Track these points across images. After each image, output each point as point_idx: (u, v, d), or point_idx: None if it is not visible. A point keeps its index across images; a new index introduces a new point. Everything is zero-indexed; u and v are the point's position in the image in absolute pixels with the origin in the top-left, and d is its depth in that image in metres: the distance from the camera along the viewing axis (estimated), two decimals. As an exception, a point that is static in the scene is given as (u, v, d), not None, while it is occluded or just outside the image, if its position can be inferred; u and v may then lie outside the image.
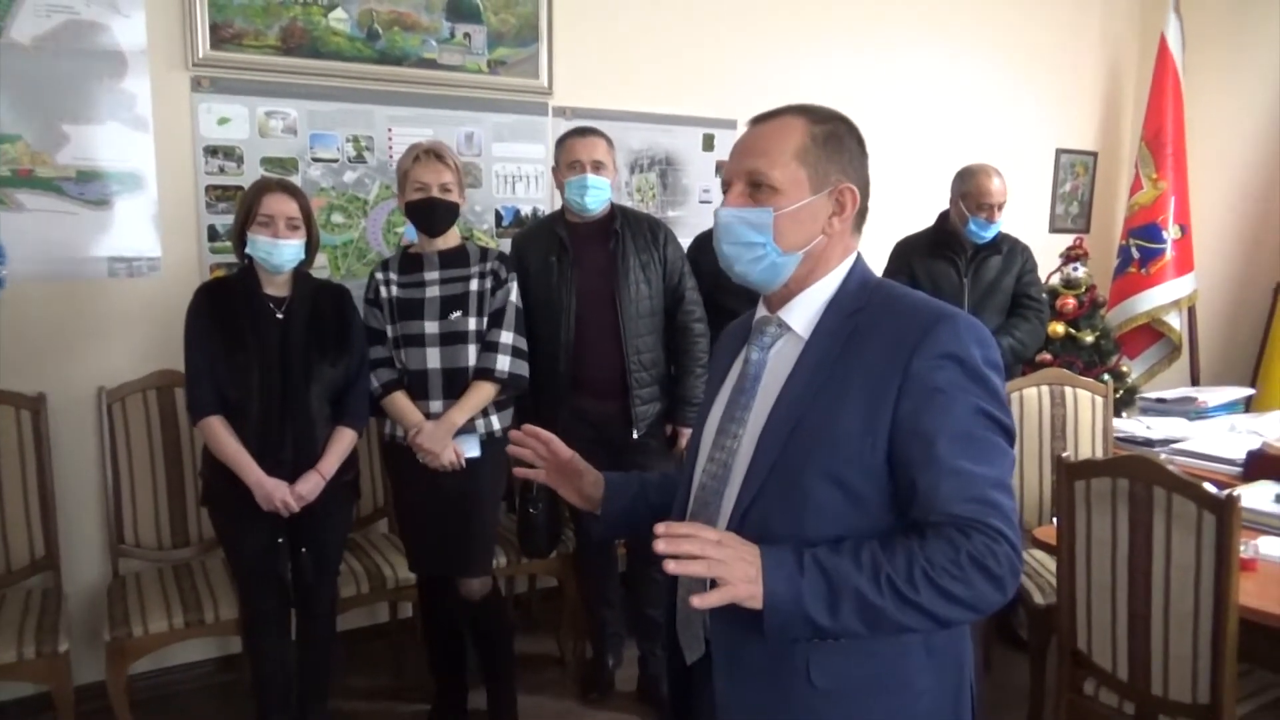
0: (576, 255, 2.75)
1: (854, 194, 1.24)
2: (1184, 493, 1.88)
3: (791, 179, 1.21)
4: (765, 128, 1.25)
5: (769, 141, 1.23)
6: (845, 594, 1.06)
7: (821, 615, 1.06)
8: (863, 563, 1.07)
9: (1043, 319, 3.35)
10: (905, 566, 1.06)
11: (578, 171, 2.69)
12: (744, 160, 1.24)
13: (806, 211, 1.22)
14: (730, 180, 1.26)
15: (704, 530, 1.07)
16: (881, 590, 1.05)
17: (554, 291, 2.74)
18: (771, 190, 1.21)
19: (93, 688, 2.61)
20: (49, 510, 2.65)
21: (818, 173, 1.22)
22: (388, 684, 3.03)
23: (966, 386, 1.13)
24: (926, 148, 4.16)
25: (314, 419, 2.39)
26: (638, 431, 2.76)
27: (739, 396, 1.26)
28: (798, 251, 1.23)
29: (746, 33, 3.72)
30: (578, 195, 2.70)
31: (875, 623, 1.07)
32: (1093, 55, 4.76)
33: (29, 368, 2.66)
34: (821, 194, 1.22)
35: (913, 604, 1.06)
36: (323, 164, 3.02)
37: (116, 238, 2.75)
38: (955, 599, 1.06)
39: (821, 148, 1.22)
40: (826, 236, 1.24)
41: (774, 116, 1.26)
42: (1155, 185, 4.48)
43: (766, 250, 1.22)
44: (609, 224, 2.77)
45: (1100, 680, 2.15)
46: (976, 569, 1.06)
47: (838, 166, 1.23)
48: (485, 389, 2.52)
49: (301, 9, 2.90)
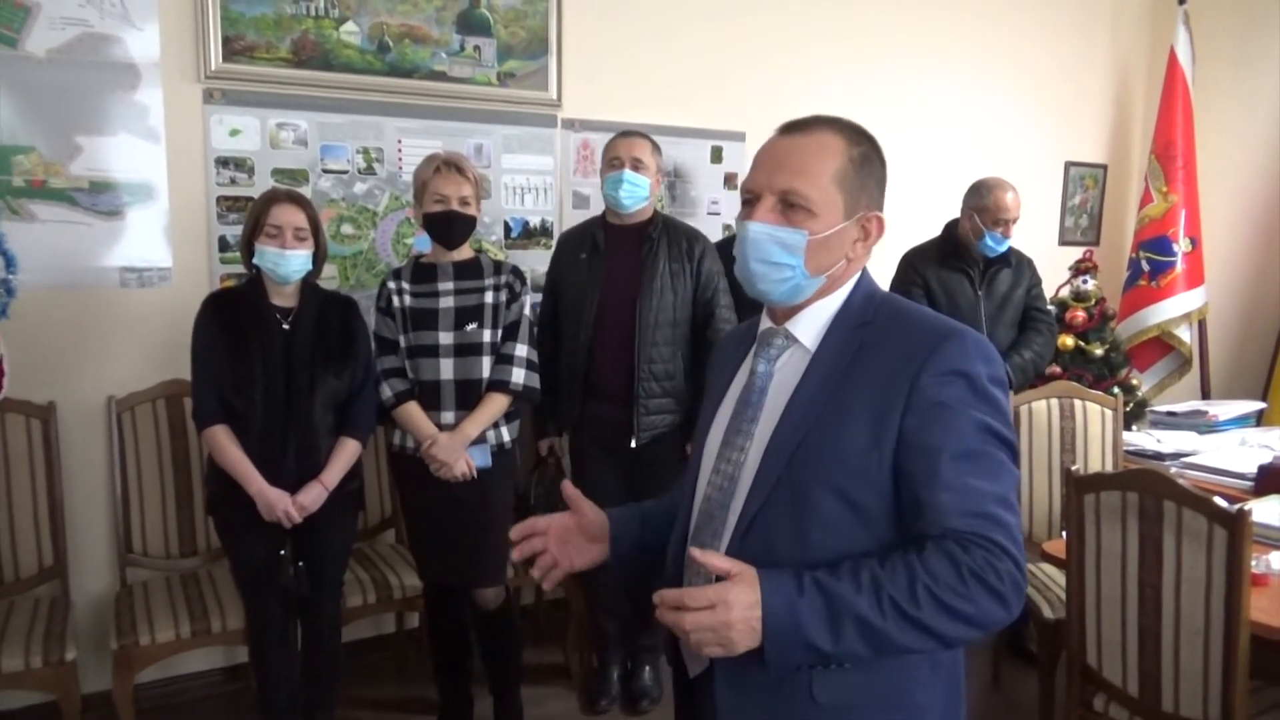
0: (608, 256, 2.76)
1: (881, 224, 1.24)
2: (1195, 507, 1.87)
3: (829, 203, 1.19)
4: (802, 142, 1.21)
5: (807, 159, 1.20)
6: (846, 616, 1.05)
7: (823, 639, 1.05)
8: (863, 584, 1.06)
9: (1053, 331, 3.35)
10: (907, 583, 1.05)
11: (616, 168, 2.71)
12: (779, 176, 1.20)
13: (837, 238, 1.21)
14: (759, 193, 1.21)
15: (695, 598, 1.06)
16: (884, 610, 1.04)
17: (580, 290, 2.77)
18: (808, 213, 1.19)
19: (99, 696, 2.61)
20: (57, 519, 2.66)
21: (852, 198, 1.21)
22: (394, 694, 3.02)
23: (972, 403, 1.13)
24: (935, 159, 4.15)
25: (317, 429, 2.39)
26: (637, 440, 2.72)
27: (745, 409, 1.25)
28: (823, 275, 1.22)
29: (756, 45, 3.73)
30: (613, 190, 2.71)
31: (878, 644, 1.06)
32: (1102, 68, 4.75)
33: (39, 376, 2.67)
34: (852, 220, 1.22)
35: (915, 622, 1.04)
36: (333, 175, 3.03)
37: (128, 248, 2.77)
38: (958, 614, 1.05)
39: (858, 172, 1.21)
40: (848, 261, 1.24)
41: (809, 129, 1.22)
42: (1165, 198, 4.47)
43: (795, 273, 1.20)
44: (646, 228, 2.77)
45: (1110, 696, 2.13)
46: (978, 583, 1.05)
47: (868, 194, 1.22)
48: (499, 401, 2.52)
49: (313, 22, 2.93)
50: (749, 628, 1.05)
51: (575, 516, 1.37)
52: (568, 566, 1.37)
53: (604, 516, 1.38)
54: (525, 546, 1.37)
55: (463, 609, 2.65)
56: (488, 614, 2.62)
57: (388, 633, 3.27)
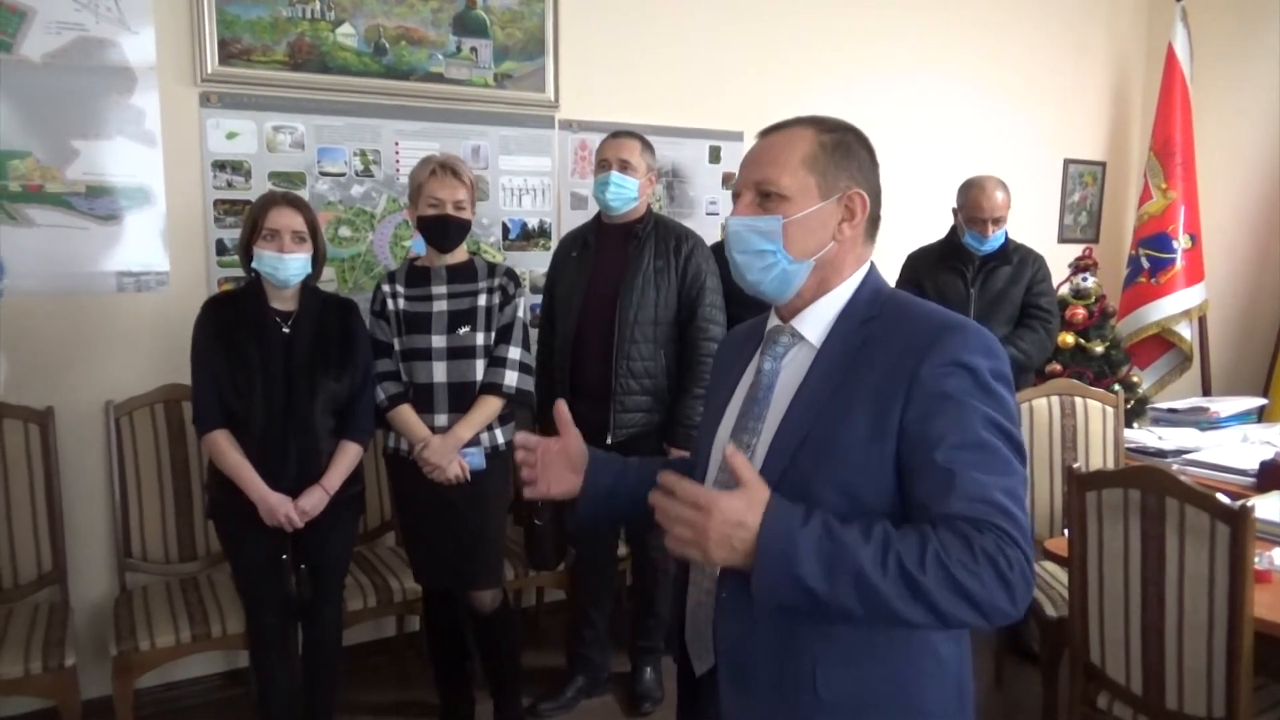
0: (597, 255, 2.78)
1: (864, 200, 1.24)
2: (1197, 504, 1.86)
3: (800, 186, 1.21)
4: (774, 138, 1.26)
5: (777, 151, 1.23)
6: (845, 560, 1.01)
7: (815, 578, 1.01)
8: (873, 536, 1.03)
9: (1049, 329, 3.31)
10: (917, 547, 1.02)
11: (604, 170, 2.73)
12: (753, 170, 1.25)
13: (815, 218, 1.22)
14: (740, 191, 1.27)
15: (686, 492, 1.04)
16: (886, 566, 1.01)
17: (569, 288, 2.79)
18: (780, 198, 1.21)
19: (99, 702, 2.61)
20: (56, 524, 2.66)
21: (826, 179, 1.22)
22: (394, 698, 3.01)
23: (976, 395, 1.12)
24: (934, 158, 4.15)
25: (317, 433, 2.39)
26: (613, 438, 2.71)
27: (752, 406, 1.25)
28: (808, 259, 1.23)
29: (753, 45, 3.72)
30: (600, 192, 2.74)
31: (873, 602, 1.01)
32: (1100, 65, 4.75)
33: (37, 382, 2.66)
34: (830, 200, 1.22)
35: (918, 587, 1.00)
36: (330, 178, 3.03)
37: (125, 252, 2.76)
38: (963, 590, 1.01)
39: (830, 155, 1.22)
40: (837, 243, 1.24)
41: (783, 128, 1.27)
42: (1165, 195, 4.46)
43: (777, 258, 1.22)
44: (635, 227, 2.77)
45: (1113, 694, 2.12)
46: (989, 564, 1.01)
47: (847, 173, 1.23)
48: (492, 404, 2.52)
49: (309, 24, 2.92)
50: (728, 543, 1.03)
51: (561, 440, 1.42)
52: (545, 490, 1.41)
53: (586, 450, 1.42)
54: (524, 456, 1.41)
55: (460, 612, 2.64)
56: (485, 617, 2.61)
57: (388, 636, 3.26)
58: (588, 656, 2.96)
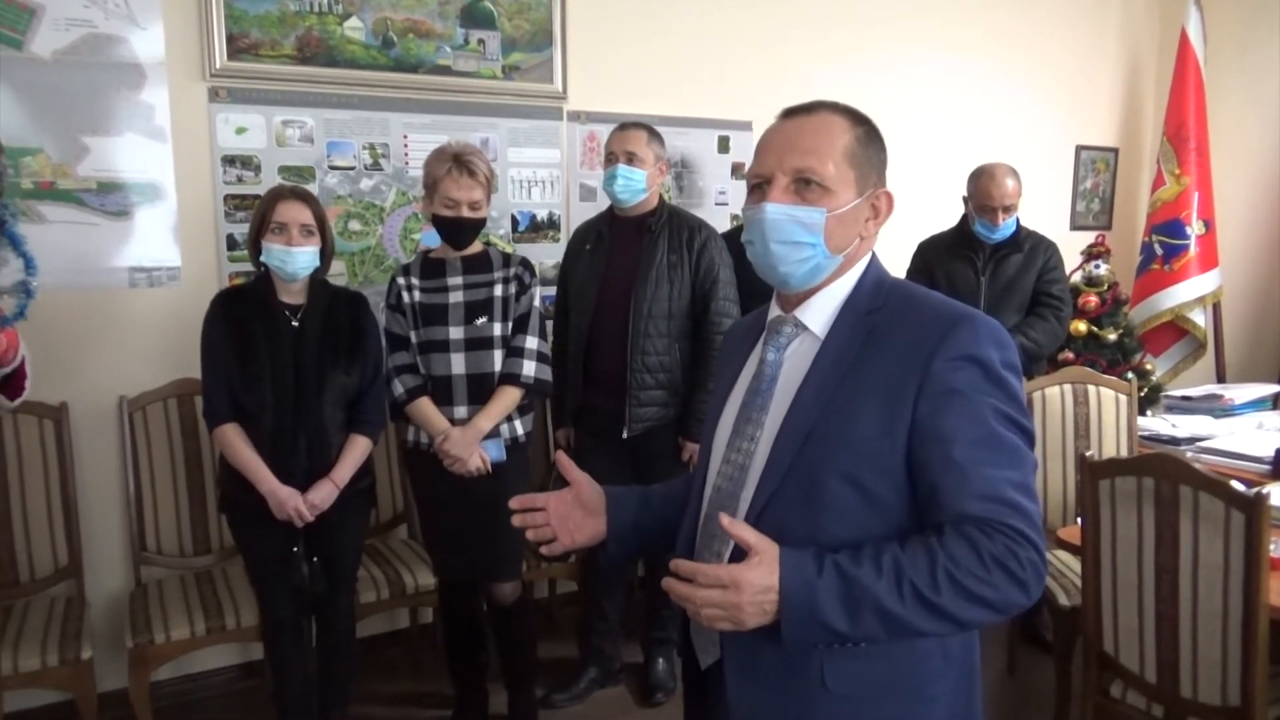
0: (610, 247, 2.78)
1: (890, 200, 1.24)
2: (1211, 491, 1.85)
3: (843, 180, 1.19)
4: (808, 123, 1.21)
5: (816, 139, 1.19)
6: (864, 600, 1.04)
7: (839, 622, 1.05)
8: (883, 568, 1.05)
9: (1060, 318, 3.28)
10: (928, 568, 1.04)
11: (611, 163, 2.73)
12: (790, 157, 1.19)
13: (852, 214, 1.21)
14: (770, 175, 1.20)
15: (709, 575, 1.05)
16: (903, 595, 1.03)
17: (583, 281, 2.79)
18: (822, 189, 1.18)
19: (116, 695, 2.63)
20: (71, 519, 2.68)
21: (862, 175, 1.21)
22: (408, 689, 3.03)
23: (985, 388, 1.12)
24: (944, 145, 4.13)
25: (327, 426, 2.39)
26: (629, 431, 2.71)
27: (754, 398, 1.24)
28: (840, 255, 1.22)
29: (761, 35, 3.71)
30: (609, 185, 2.74)
31: (896, 629, 1.05)
32: (1112, 50, 4.71)
33: (51, 377, 2.67)
34: (864, 197, 1.21)
35: (935, 607, 1.04)
36: (339, 172, 3.03)
37: (137, 248, 2.77)
38: (978, 599, 1.04)
39: (864, 150, 1.21)
40: (862, 240, 1.23)
41: (812, 111, 1.23)
42: (1178, 180, 4.42)
43: (815, 251, 1.19)
44: (648, 220, 2.77)
45: (1127, 682, 2.11)
46: (1000, 569, 1.04)
47: (876, 171, 1.23)
48: (511, 394, 2.52)
49: (317, 18, 2.92)
50: (760, 610, 1.05)
51: (572, 490, 1.38)
52: (568, 541, 1.36)
53: (600, 491, 1.38)
54: (526, 518, 1.37)
55: (477, 603, 2.65)
56: (504, 609, 2.62)
57: (401, 628, 3.28)
58: (600, 647, 2.97)
